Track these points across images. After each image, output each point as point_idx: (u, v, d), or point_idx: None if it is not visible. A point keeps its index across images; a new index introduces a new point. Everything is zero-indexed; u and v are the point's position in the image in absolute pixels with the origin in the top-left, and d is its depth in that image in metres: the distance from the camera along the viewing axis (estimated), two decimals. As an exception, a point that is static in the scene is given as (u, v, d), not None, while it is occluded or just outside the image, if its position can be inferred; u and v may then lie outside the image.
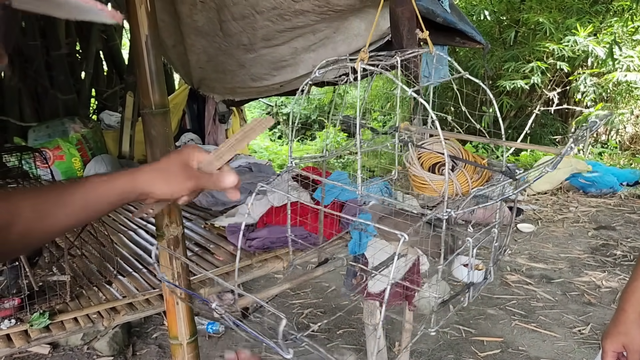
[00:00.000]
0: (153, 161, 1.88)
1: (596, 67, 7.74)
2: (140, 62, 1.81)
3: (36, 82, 4.91)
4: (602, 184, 5.89)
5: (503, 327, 3.35)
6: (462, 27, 2.28)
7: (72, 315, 2.03)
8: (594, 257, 4.38)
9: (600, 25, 7.64)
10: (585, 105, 8.36)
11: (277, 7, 2.67)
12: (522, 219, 5.24)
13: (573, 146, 0.97)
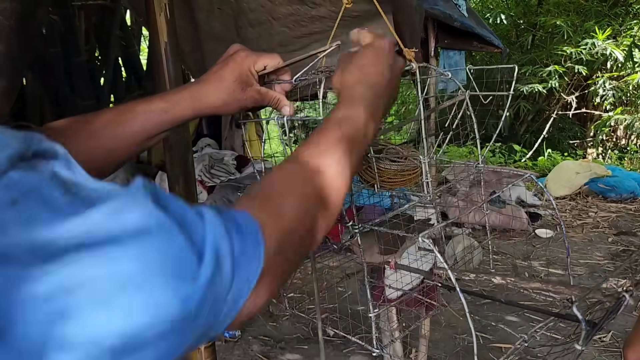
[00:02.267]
0: (172, 167, 1.90)
1: (615, 71, 7.64)
2: (159, 69, 1.83)
3: (57, 88, 4.99)
4: (622, 189, 5.80)
5: (522, 333, 3.31)
6: (480, 32, 2.27)
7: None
8: (614, 264, 4.31)
9: (619, 28, 7.55)
10: (604, 109, 8.25)
11: (294, 13, 2.68)
12: (540, 224, 5.18)
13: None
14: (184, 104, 0.79)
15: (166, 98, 0.80)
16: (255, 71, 0.83)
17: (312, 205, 0.56)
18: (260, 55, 0.84)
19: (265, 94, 0.85)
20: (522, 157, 7.98)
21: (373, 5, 2.49)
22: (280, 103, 0.87)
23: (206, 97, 0.80)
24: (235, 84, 0.81)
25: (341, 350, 3.20)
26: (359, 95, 0.71)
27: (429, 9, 2.13)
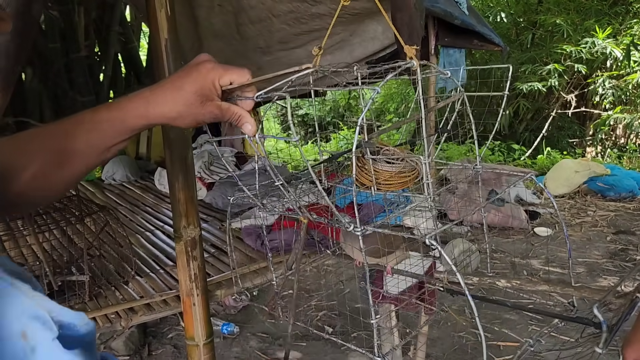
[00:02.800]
0: (171, 164, 1.90)
1: (615, 70, 7.64)
2: (160, 65, 1.83)
3: (56, 84, 4.98)
4: (621, 188, 5.80)
5: (520, 332, 3.32)
6: (480, 30, 2.27)
7: (90, 315, 2.05)
8: (613, 262, 4.31)
9: (619, 27, 7.54)
10: (603, 108, 8.25)
11: (294, 10, 2.68)
12: (539, 222, 5.18)
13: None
14: (133, 113, 0.74)
15: (113, 106, 0.75)
16: (219, 85, 0.77)
17: None
18: (228, 69, 0.77)
19: (226, 110, 0.79)
20: (521, 155, 7.98)
21: (372, 3, 2.49)
22: (241, 120, 0.81)
23: (159, 106, 0.75)
24: (194, 97, 0.75)
25: (339, 348, 3.20)
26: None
27: (429, 6, 2.12)
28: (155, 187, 4.10)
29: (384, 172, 1.14)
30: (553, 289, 1.32)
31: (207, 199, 3.55)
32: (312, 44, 3.03)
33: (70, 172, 0.75)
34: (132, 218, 3.35)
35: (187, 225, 1.91)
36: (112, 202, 3.80)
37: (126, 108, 0.75)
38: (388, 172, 1.13)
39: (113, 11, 5.33)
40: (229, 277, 2.30)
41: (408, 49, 1.11)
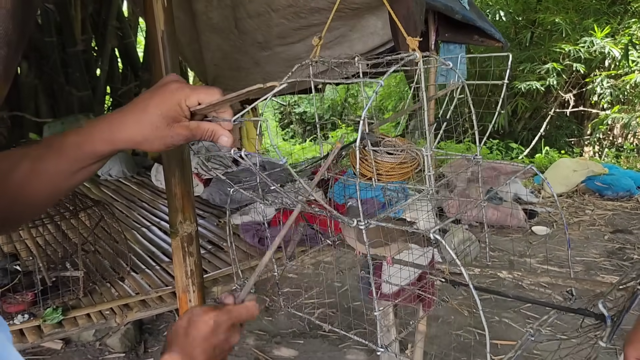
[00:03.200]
0: (168, 159, 1.87)
1: (613, 69, 7.63)
2: (156, 58, 1.81)
3: (52, 78, 4.94)
4: (619, 187, 5.79)
5: (518, 330, 3.30)
6: (481, 25, 2.25)
7: (85, 312, 2.03)
8: (611, 261, 4.30)
9: (618, 26, 7.54)
10: (601, 108, 8.25)
11: (293, 4, 2.65)
12: (537, 221, 5.17)
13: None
14: (98, 137, 0.72)
15: (80, 130, 0.73)
16: (186, 106, 0.74)
17: None
18: (196, 89, 0.75)
19: (196, 129, 0.76)
20: (519, 154, 7.98)
21: (372, -3, 2.46)
22: (215, 134, 0.78)
23: (124, 130, 0.72)
24: (159, 119, 0.72)
25: (337, 346, 3.18)
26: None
27: (430, 1, 2.09)
28: (152, 182, 4.07)
29: (385, 164, 1.12)
30: (555, 281, 1.30)
31: (204, 195, 3.52)
32: (311, 39, 3.00)
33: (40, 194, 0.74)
34: (127, 214, 3.32)
35: (184, 220, 1.88)
36: (107, 197, 3.76)
37: (92, 133, 0.73)
38: (389, 163, 1.11)
39: (110, 5, 5.30)
40: (225, 273, 2.28)
41: (410, 40, 1.09)
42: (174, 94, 0.74)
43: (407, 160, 1.13)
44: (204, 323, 0.76)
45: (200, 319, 0.76)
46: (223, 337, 0.76)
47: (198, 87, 0.76)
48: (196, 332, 0.75)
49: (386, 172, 1.11)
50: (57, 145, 0.73)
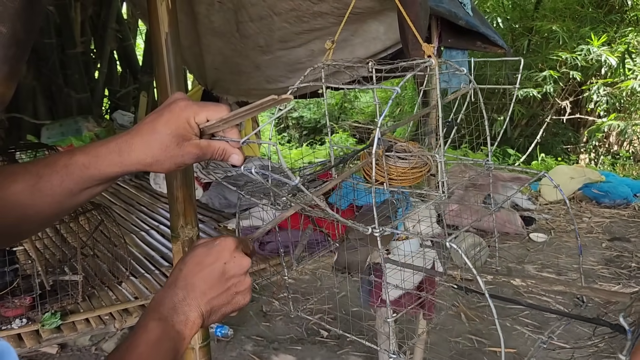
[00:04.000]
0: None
1: (610, 77, 7.68)
2: (160, 60, 1.79)
3: (50, 80, 4.92)
4: (616, 195, 5.81)
5: (517, 338, 3.30)
6: (485, 31, 2.25)
7: (83, 316, 2.01)
8: (608, 269, 4.31)
9: (614, 34, 7.59)
10: (597, 115, 8.29)
11: (296, 8, 2.65)
12: (535, 228, 5.17)
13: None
14: (107, 159, 0.71)
15: (89, 151, 0.72)
16: (195, 124, 0.73)
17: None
18: (204, 106, 0.74)
19: (207, 147, 0.75)
20: (516, 161, 8.00)
21: (376, 2, 2.46)
22: (226, 153, 0.76)
23: (134, 152, 0.71)
24: (169, 138, 0.71)
25: (335, 352, 3.16)
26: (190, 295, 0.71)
27: (434, 6, 2.09)
28: (151, 186, 4.05)
29: (397, 168, 1.11)
30: (569, 289, 1.29)
31: (204, 199, 3.50)
32: (313, 43, 3.00)
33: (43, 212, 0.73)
34: (126, 217, 3.30)
35: (185, 224, 1.87)
36: (106, 201, 3.74)
37: (100, 154, 0.71)
38: (402, 168, 1.10)
39: (110, 8, 5.29)
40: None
41: (426, 46, 1.09)
42: (182, 112, 0.72)
43: (418, 165, 1.12)
44: (194, 250, 0.74)
45: (192, 249, 0.75)
46: (222, 261, 0.73)
47: (206, 104, 0.75)
48: (189, 260, 0.73)
49: (398, 176, 1.10)
50: (62, 163, 0.72)
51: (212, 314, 0.73)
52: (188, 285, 0.71)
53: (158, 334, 0.66)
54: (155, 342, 0.65)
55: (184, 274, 0.72)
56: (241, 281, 0.75)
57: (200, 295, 0.71)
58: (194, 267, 0.72)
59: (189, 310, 0.70)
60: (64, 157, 0.72)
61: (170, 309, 0.69)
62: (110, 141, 0.72)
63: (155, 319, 0.67)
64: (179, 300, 0.70)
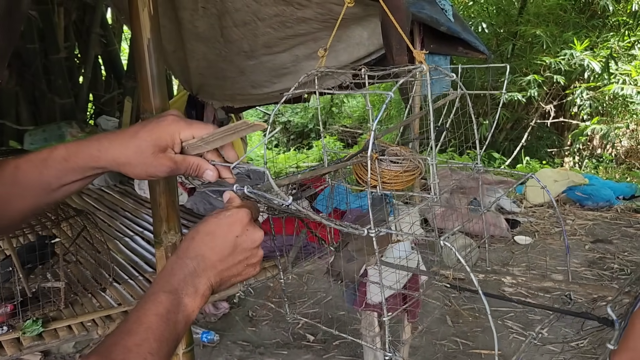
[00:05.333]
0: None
1: (592, 81, 7.79)
2: (142, 66, 1.79)
3: (34, 85, 4.88)
4: (599, 198, 5.89)
5: (501, 340, 3.33)
6: (466, 37, 2.28)
7: (66, 323, 1.99)
8: (591, 271, 4.36)
9: (596, 39, 7.70)
10: (581, 119, 8.40)
11: (280, 14, 2.66)
12: (519, 231, 5.23)
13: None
14: (86, 152, 0.74)
15: (70, 145, 0.74)
16: (179, 140, 0.76)
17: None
18: (192, 124, 0.76)
19: (182, 162, 0.77)
20: (501, 164, 8.07)
21: (359, 8, 2.48)
22: (200, 169, 0.78)
23: (111, 149, 0.73)
24: (147, 145, 0.73)
25: (321, 356, 3.17)
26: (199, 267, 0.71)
27: (415, 12, 2.12)
28: (135, 192, 4.02)
29: (389, 172, 1.13)
30: (558, 285, 1.32)
31: (189, 204, 3.49)
32: (297, 48, 3.01)
33: (19, 207, 0.74)
34: (110, 223, 3.28)
35: (168, 230, 1.86)
36: (90, 206, 3.71)
37: (80, 147, 0.74)
38: (394, 172, 1.12)
39: (94, 13, 5.26)
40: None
41: (417, 53, 1.12)
42: (169, 125, 0.75)
43: (410, 169, 1.14)
44: (207, 220, 0.74)
45: (205, 219, 0.74)
46: (234, 234, 0.72)
47: (194, 123, 0.77)
48: (201, 229, 0.73)
49: (390, 179, 1.12)
50: (42, 157, 0.73)
51: (222, 284, 0.73)
52: (199, 256, 0.71)
53: (167, 306, 0.66)
54: (165, 314, 0.65)
55: (195, 244, 0.72)
56: (253, 254, 0.75)
57: (210, 267, 0.71)
58: (205, 237, 0.72)
59: (199, 282, 0.70)
60: (44, 151, 0.74)
61: (180, 280, 0.69)
62: (92, 138, 0.75)
63: (165, 290, 0.67)
64: (189, 271, 0.69)
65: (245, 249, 0.73)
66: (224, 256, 0.72)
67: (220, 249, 0.71)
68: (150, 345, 0.62)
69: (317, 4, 2.47)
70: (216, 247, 0.71)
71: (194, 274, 0.69)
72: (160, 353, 0.62)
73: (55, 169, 0.73)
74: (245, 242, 0.73)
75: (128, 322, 0.64)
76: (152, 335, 0.62)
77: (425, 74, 1.09)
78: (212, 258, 0.71)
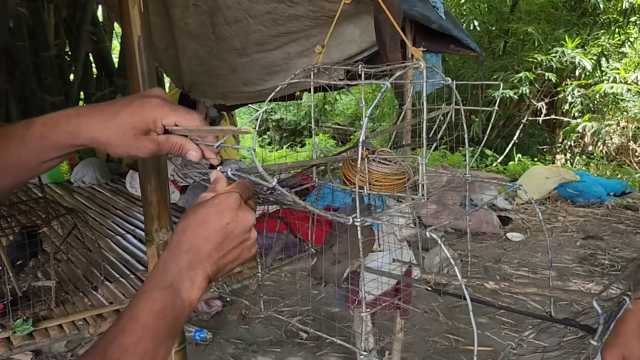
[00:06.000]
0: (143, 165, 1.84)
1: (583, 79, 7.84)
2: (132, 63, 1.78)
3: (24, 83, 4.84)
4: (590, 194, 5.93)
5: (493, 336, 3.34)
6: (457, 34, 2.28)
7: (56, 322, 1.98)
8: (582, 267, 4.39)
9: (587, 37, 7.74)
10: (572, 116, 8.45)
11: (271, 11, 2.65)
12: (511, 227, 5.25)
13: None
14: (65, 130, 0.72)
15: (46, 122, 0.72)
16: (161, 125, 0.74)
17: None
18: (176, 110, 0.75)
19: (164, 143, 0.75)
20: (494, 161, 8.11)
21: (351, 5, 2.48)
22: (184, 149, 0.77)
23: (91, 128, 0.72)
24: (128, 127, 0.72)
25: (314, 354, 3.17)
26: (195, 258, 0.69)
27: (407, 10, 2.12)
28: (127, 190, 4.00)
29: (376, 173, 1.13)
30: (541, 291, 1.32)
31: (181, 202, 3.48)
32: (289, 46, 3.00)
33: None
34: (102, 222, 3.26)
35: (159, 228, 1.86)
36: (81, 205, 3.69)
37: (58, 124, 0.72)
38: (382, 173, 1.12)
39: (84, 10, 5.22)
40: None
41: (415, 50, 1.12)
42: (153, 110, 0.73)
43: (399, 172, 1.14)
44: (196, 209, 0.71)
45: (193, 208, 0.72)
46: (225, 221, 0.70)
47: (179, 109, 0.75)
48: (192, 220, 0.70)
49: (376, 181, 1.12)
50: (19, 134, 0.71)
51: (219, 272, 0.72)
52: (193, 248, 0.69)
53: (163, 303, 0.64)
54: (160, 311, 0.63)
55: (188, 235, 0.69)
56: (246, 238, 0.73)
57: (206, 257, 0.69)
58: (198, 227, 0.70)
59: (195, 274, 0.68)
60: (20, 127, 0.72)
61: (175, 275, 0.67)
62: (70, 114, 0.73)
63: (160, 287, 0.65)
64: (184, 265, 0.67)
65: (237, 234, 0.72)
66: (217, 244, 0.70)
67: (214, 238, 0.70)
68: (147, 344, 0.60)
69: (309, 1, 2.47)
70: (210, 236, 0.70)
71: (189, 267, 0.68)
72: (157, 351, 0.61)
73: (34, 147, 0.72)
74: (237, 228, 0.72)
75: (122, 320, 0.62)
76: (149, 333, 0.61)
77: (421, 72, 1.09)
78: (207, 247, 0.69)
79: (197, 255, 0.69)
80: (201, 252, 0.69)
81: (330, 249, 1.54)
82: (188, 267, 0.68)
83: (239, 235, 0.72)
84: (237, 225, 0.71)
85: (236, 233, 0.72)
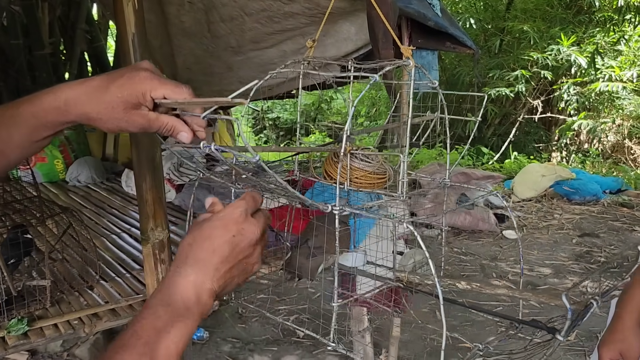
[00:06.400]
0: (138, 164, 1.83)
1: (579, 77, 7.85)
2: (127, 61, 1.77)
3: (18, 81, 4.81)
4: (586, 192, 5.94)
5: (489, 333, 3.35)
6: (453, 32, 2.27)
7: (52, 322, 1.96)
8: (578, 264, 4.41)
9: (583, 35, 7.76)
10: (568, 114, 8.47)
11: (267, 9, 2.64)
12: (507, 225, 5.26)
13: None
14: (52, 107, 0.71)
15: (34, 101, 0.72)
16: (150, 98, 0.73)
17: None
18: (165, 83, 0.74)
19: (155, 120, 0.75)
20: (490, 159, 8.12)
21: (347, 3, 2.47)
22: (175, 129, 0.76)
23: (80, 104, 0.71)
24: (118, 101, 0.72)
25: (311, 352, 3.17)
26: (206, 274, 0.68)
27: (403, 7, 2.11)
28: (123, 189, 3.99)
29: (358, 170, 1.13)
30: (511, 293, 1.34)
31: (177, 201, 3.46)
32: (285, 44, 3.00)
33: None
34: (97, 220, 3.24)
35: (155, 227, 1.85)
36: (76, 204, 3.67)
37: (47, 102, 0.71)
38: (362, 171, 1.11)
39: (79, 9, 5.19)
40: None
41: (404, 49, 1.12)
42: (142, 83, 0.73)
43: (381, 172, 1.14)
44: (201, 224, 0.71)
45: (198, 223, 0.71)
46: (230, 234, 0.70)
47: (167, 82, 0.74)
48: (197, 234, 0.69)
49: (357, 179, 1.12)
50: (9, 114, 0.71)
51: (226, 287, 0.71)
52: (199, 262, 0.68)
53: (166, 320, 0.63)
54: (163, 328, 0.62)
55: (194, 251, 0.69)
56: (251, 252, 0.73)
57: (212, 272, 0.68)
58: (204, 242, 0.69)
59: (201, 290, 0.67)
60: (9, 108, 0.71)
61: (181, 291, 0.66)
62: (57, 91, 0.72)
63: (164, 304, 0.64)
64: (190, 281, 0.67)
65: (243, 248, 0.71)
66: (224, 257, 0.69)
67: (220, 251, 0.69)
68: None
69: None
70: (216, 250, 0.69)
71: (195, 282, 0.67)
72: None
73: (24, 127, 0.71)
74: (242, 241, 0.71)
75: (125, 336, 0.61)
76: (150, 350, 0.60)
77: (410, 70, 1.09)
78: (213, 261, 0.68)
79: (204, 269, 0.68)
80: (208, 266, 0.68)
81: (306, 242, 1.53)
82: (194, 283, 0.67)
83: (245, 248, 0.71)
84: (242, 238, 0.71)
85: (242, 246, 0.71)
